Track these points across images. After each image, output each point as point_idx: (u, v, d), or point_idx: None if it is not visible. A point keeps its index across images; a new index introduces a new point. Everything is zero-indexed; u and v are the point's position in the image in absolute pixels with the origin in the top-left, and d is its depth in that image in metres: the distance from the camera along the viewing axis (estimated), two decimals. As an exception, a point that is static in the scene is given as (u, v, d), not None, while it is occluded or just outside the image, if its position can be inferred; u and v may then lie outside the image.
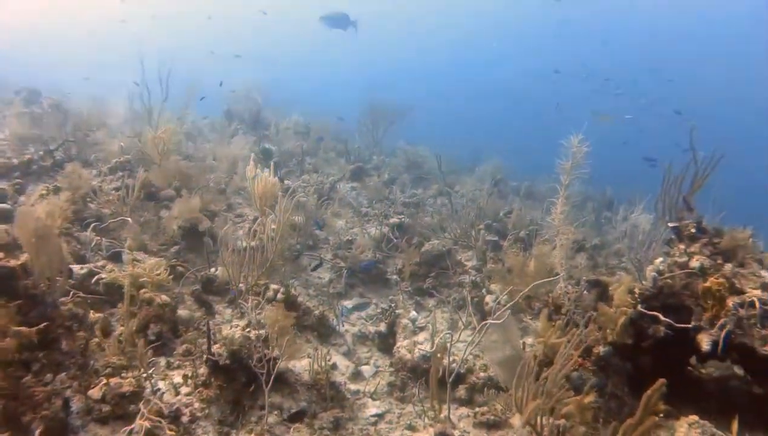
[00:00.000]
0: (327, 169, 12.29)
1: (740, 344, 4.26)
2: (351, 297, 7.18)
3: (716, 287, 4.13)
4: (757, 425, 4.71)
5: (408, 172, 13.72)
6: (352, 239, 8.20)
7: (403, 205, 10.58)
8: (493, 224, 9.63)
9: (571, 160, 4.49)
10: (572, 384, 4.69)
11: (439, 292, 7.26)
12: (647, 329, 4.63)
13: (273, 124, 14.28)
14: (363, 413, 4.91)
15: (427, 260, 7.55)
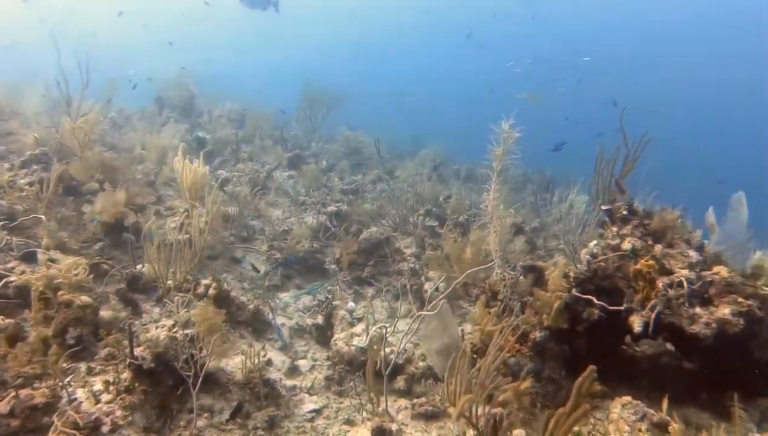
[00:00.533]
0: (263, 157, 11.93)
1: (670, 323, 4.31)
2: (288, 289, 6.97)
3: (646, 269, 4.15)
4: (687, 399, 4.82)
5: (348, 158, 13.52)
6: (289, 229, 7.95)
7: (342, 192, 10.39)
8: (432, 209, 9.57)
9: (503, 146, 4.40)
10: (510, 370, 4.67)
11: (378, 281, 7.14)
12: (582, 312, 4.64)
13: (206, 112, 13.76)
14: (300, 409, 4.73)
15: (365, 248, 7.40)
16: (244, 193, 8.28)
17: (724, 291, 4.38)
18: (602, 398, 4.70)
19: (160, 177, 8.54)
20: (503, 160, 4.44)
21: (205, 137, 11.02)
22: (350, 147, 14.08)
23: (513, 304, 4.82)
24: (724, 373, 4.59)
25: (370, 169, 12.76)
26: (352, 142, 14.37)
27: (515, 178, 13.40)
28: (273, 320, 5.86)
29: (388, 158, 14.23)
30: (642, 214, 5.06)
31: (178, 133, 10.44)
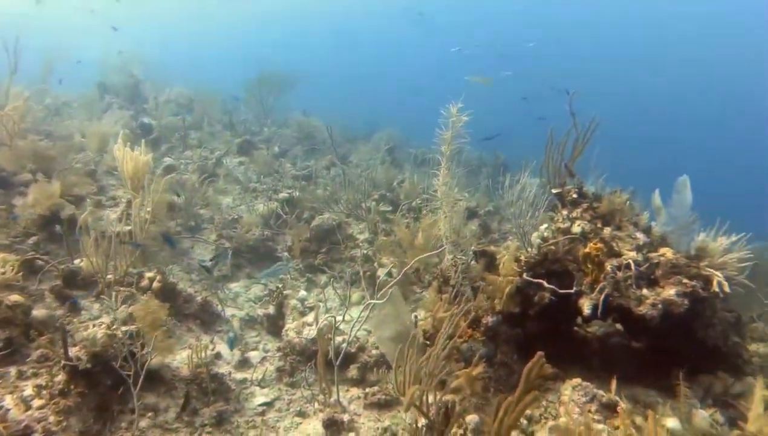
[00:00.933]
0: (213, 143, 11.58)
1: (618, 305, 4.36)
2: (238, 279, 6.79)
3: (595, 252, 4.18)
4: (636, 378, 4.91)
5: (301, 143, 13.29)
6: (238, 217, 7.72)
7: (294, 178, 10.19)
8: (387, 194, 9.49)
9: (451, 130, 4.33)
10: (463, 356, 4.65)
11: (330, 268, 7.03)
12: (533, 296, 4.65)
13: (152, 98, 13.19)
14: (250, 403, 4.62)
15: (317, 235, 7.28)
16: (191, 180, 7.99)
17: (669, 272, 4.45)
18: (554, 380, 4.74)
19: (101, 166, 8.12)
20: (452, 144, 4.36)
21: (150, 124, 10.59)
22: (303, 132, 13.84)
23: (465, 289, 4.79)
24: (670, 352, 4.69)
25: (324, 154, 12.57)
26: (305, 127, 14.14)
27: (469, 161, 13.43)
28: (224, 316, 5.70)
29: (342, 143, 14.05)
30: (591, 197, 5.09)
31: (121, 119, 9.97)
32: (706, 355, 4.77)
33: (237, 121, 12.99)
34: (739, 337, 5.19)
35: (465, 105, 4.67)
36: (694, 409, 4.49)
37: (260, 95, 14.05)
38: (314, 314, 5.72)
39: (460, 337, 4.79)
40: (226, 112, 13.64)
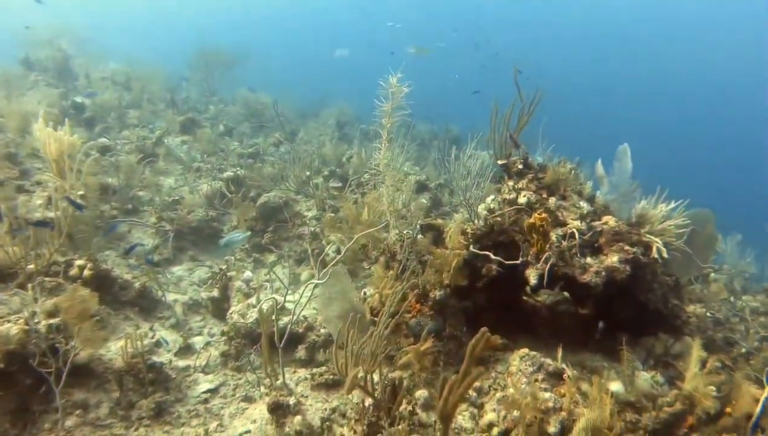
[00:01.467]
0: (155, 122, 11.08)
1: (564, 274, 4.40)
2: (181, 262, 6.55)
3: (539, 223, 4.18)
4: (583, 344, 5.01)
5: (248, 121, 12.91)
6: (180, 198, 7.43)
7: (241, 156, 9.90)
8: (336, 170, 9.35)
9: (392, 101, 4.21)
10: (411, 331, 4.62)
11: (278, 246, 6.88)
12: (481, 268, 4.64)
13: (83, 75, 12.42)
14: (193, 391, 4.47)
15: (263, 213, 7.10)
16: (128, 161, 7.62)
17: (612, 240, 4.51)
18: (504, 351, 4.78)
19: (23, 148, 7.55)
20: (393, 116, 4.24)
21: (83, 102, 10.03)
22: (251, 109, 13.44)
23: (411, 264, 4.74)
24: (615, 317, 4.79)
25: (273, 131, 12.26)
26: (253, 104, 13.73)
27: (421, 135, 13.38)
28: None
29: (291, 119, 13.75)
30: (536, 167, 5.10)
31: (47, 98, 9.33)
32: (648, 318, 4.90)
33: (180, 100, 12.49)
34: (678, 299, 5.35)
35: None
36: (637, 371, 4.61)
37: (204, 72, 13.54)
38: (262, 294, 5.59)
39: (408, 312, 4.77)
40: (169, 90, 13.04)
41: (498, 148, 5.47)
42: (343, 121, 13.53)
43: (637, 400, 4.21)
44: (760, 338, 6.06)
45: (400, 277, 4.79)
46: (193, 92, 14.09)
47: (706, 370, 3.78)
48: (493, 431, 3.81)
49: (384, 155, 4.36)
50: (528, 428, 3.43)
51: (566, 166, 4.91)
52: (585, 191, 5.01)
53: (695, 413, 3.90)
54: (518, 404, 3.50)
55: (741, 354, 5.59)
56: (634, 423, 4.04)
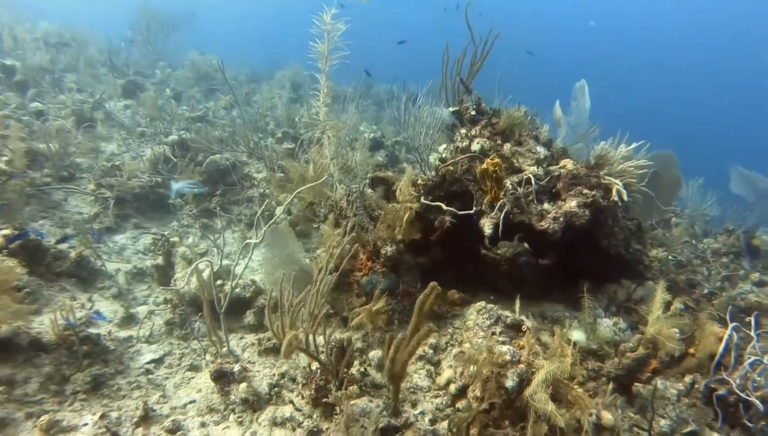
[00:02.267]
0: (97, 87, 10.42)
1: (520, 222, 4.18)
2: (125, 230, 6.15)
3: (492, 169, 3.93)
4: (545, 294, 4.85)
5: (198, 85, 12.29)
6: (121, 163, 6.96)
7: (190, 120, 9.39)
8: (289, 130, 8.95)
9: (327, 41, 3.82)
10: (363, 290, 4.38)
11: (227, 210, 6.52)
12: (434, 221, 4.40)
13: (7, 35, 11.32)
14: (136, 362, 4.17)
15: (211, 177, 6.71)
16: (63, 127, 7.09)
17: (570, 184, 4.30)
18: (462, 305, 4.58)
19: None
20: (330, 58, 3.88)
21: (13, 65, 9.34)
22: (200, 73, 12.79)
23: (361, 220, 4.47)
24: (577, 265, 4.62)
25: (224, 94, 11.67)
26: (203, 67, 13.06)
27: (379, 94, 12.98)
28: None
29: (244, 82, 13.19)
30: (490, 113, 4.83)
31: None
32: (610, 264, 4.74)
33: (124, 64, 11.77)
34: (641, 244, 5.21)
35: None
36: (599, 319, 4.47)
37: (147, 34, 12.77)
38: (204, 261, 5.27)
39: (359, 270, 4.52)
40: (109, 51, 12.26)
41: (450, 95, 5.18)
42: (299, 82, 12.99)
43: (599, 347, 4.07)
44: (722, 277, 6.01)
45: (350, 234, 4.53)
46: (136, 55, 13.29)
47: (669, 312, 3.63)
48: (450, 388, 3.61)
49: (323, 101, 4.01)
50: (485, 384, 3.23)
51: (521, 111, 4.64)
52: (542, 136, 4.77)
53: (659, 356, 3.77)
54: (474, 359, 3.30)
55: (704, 295, 5.51)
56: (597, 371, 3.90)
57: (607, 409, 3.48)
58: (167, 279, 5.28)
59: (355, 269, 4.54)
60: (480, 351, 3.31)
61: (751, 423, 3.55)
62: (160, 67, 12.85)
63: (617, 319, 4.22)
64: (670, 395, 3.98)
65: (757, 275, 6.23)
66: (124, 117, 9.02)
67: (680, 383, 4.11)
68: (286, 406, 3.63)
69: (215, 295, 4.07)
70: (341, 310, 4.50)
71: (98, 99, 9.04)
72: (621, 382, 3.75)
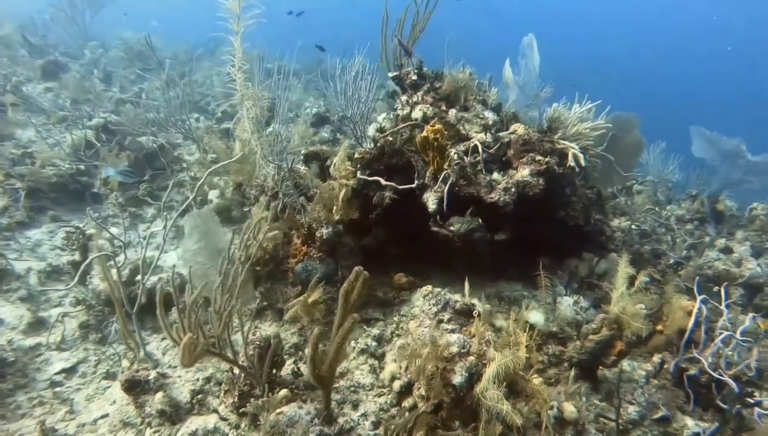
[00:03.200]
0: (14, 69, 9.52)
1: (468, 195, 3.74)
2: (40, 224, 5.52)
3: (433, 136, 3.47)
4: (501, 272, 4.46)
5: (134, 64, 11.45)
6: (33, 151, 6.27)
7: (119, 102, 8.64)
8: (229, 109, 8.35)
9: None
10: (298, 278, 3.91)
11: (156, 197, 5.94)
12: (374, 197, 3.93)
13: None
14: (43, 374, 3.65)
15: (137, 162, 6.10)
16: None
17: (522, 151, 3.88)
18: (410, 289, 4.16)
19: None
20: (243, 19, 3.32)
21: None
22: (133, 51, 11.90)
23: (293, 200, 3.99)
24: (535, 239, 4.23)
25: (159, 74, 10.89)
26: (136, 45, 12.15)
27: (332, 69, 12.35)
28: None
29: (185, 61, 12.36)
30: (432, 76, 4.36)
31: None
32: (570, 236, 4.36)
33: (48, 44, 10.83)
34: (602, 213, 4.85)
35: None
36: (559, 297, 4.09)
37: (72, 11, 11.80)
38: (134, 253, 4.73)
39: (294, 257, 4.04)
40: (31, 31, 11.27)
41: (390, 59, 4.70)
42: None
43: (560, 330, 3.70)
44: (688, 245, 5.72)
45: (281, 217, 4.04)
46: (62, 35, 12.30)
47: (634, 288, 3.25)
48: (394, 385, 3.19)
49: (238, 67, 3.46)
50: (430, 381, 2.81)
51: (465, 73, 4.19)
52: (490, 100, 4.32)
53: (624, 337, 3.40)
54: (417, 353, 2.88)
55: (670, 265, 5.21)
56: (558, 356, 3.53)
57: (569, 399, 3.11)
58: (84, 277, 4.72)
59: (289, 255, 4.07)
60: (424, 343, 2.89)
61: (725, 404, 3.22)
62: (90, 48, 11.92)
63: (578, 297, 3.86)
64: (638, 377, 3.65)
65: (722, 240, 5.97)
66: (44, 100, 8.24)
67: (648, 363, 3.79)
68: (210, 416, 3.17)
69: (137, 292, 3.55)
70: (275, 302, 4.03)
71: (18, 82, 8.22)
72: (584, 367, 3.39)
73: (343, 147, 3.83)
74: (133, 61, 11.33)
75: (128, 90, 9.49)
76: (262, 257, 4.00)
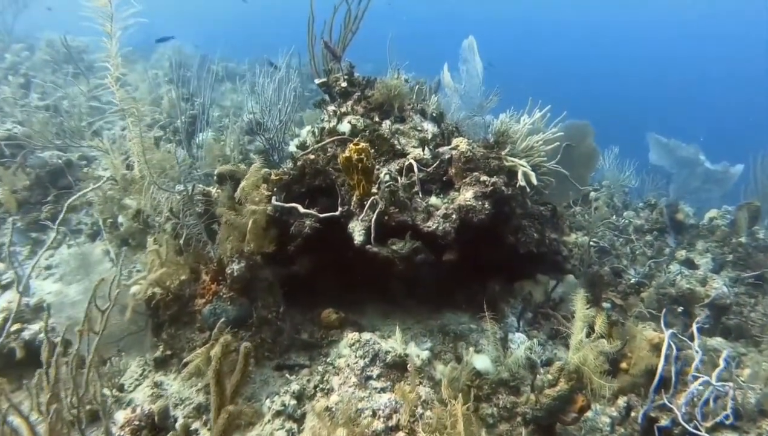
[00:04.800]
0: None
1: (402, 223, 3.21)
2: None
3: (357, 157, 2.91)
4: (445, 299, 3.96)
5: (61, 69, 10.50)
6: None
7: (36, 109, 7.78)
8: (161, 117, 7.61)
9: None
10: (206, 323, 3.30)
11: (64, 221, 5.21)
12: (292, 225, 3.36)
13: None
14: None
15: (40, 179, 5.35)
16: None
17: (465, 169, 3.37)
18: (342, 328, 3.60)
19: None
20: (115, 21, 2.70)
21: None
22: (62, 55, 10.92)
23: (196, 231, 3.38)
24: (483, 260, 3.73)
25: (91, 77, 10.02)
26: (62, 48, 11.15)
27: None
28: None
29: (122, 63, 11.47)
30: (363, 83, 3.81)
31: None
32: (522, 257, 3.87)
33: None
34: (557, 232, 4.40)
35: None
36: (511, 334, 3.61)
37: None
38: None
39: (202, 296, 3.43)
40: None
41: (318, 66, 4.14)
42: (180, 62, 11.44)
43: (511, 376, 3.19)
44: (649, 258, 5.34)
45: (186, 249, 3.43)
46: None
47: (594, 336, 2.75)
48: (314, 460, 2.63)
49: (114, 75, 2.82)
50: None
51: (399, 79, 3.65)
52: (430, 109, 3.80)
53: (586, 389, 2.89)
54: (336, 425, 2.33)
55: (631, 285, 4.80)
56: (510, 409, 3.02)
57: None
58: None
59: (197, 293, 3.46)
60: (345, 412, 2.35)
61: (703, 464, 2.78)
62: (13, 51, 10.92)
63: (532, 340, 3.36)
64: (601, 425, 3.19)
65: (683, 252, 5.61)
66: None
67: (612, 407, 3.34)
68: None
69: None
70: (180, 350, 3.41)
71: None
72: (540, 424, 2.88)
73: (254, 168, 3.24)
74: (60, 65, 10.40)
75: (51, 96, 8.58)
76: (163, 297, 3.38)
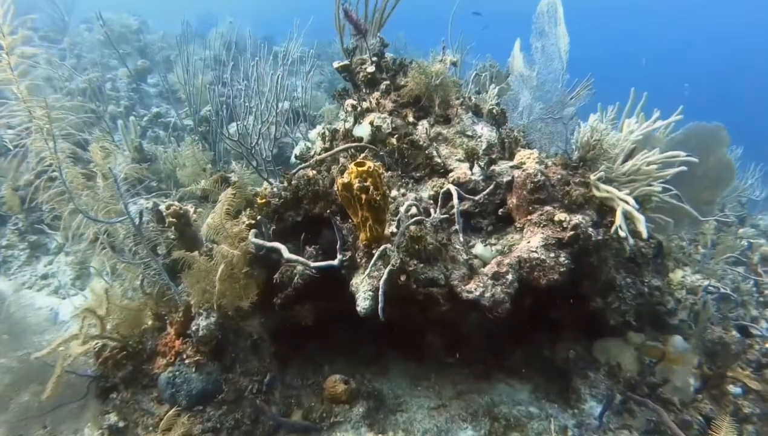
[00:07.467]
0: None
1: (429, 282, 2.15)
2: None
3: (360, 184, 1.86)
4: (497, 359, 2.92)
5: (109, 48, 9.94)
6: None
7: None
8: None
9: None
10: (163, 395, 2.42)
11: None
12: (287, 268, 2.38)
13: None
14: None
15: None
16: None
17: (532, 200, 2.26)
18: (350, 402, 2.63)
19: None
20: None
21: None
22: (114, 34, 10.34)
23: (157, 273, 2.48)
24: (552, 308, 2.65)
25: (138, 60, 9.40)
26: (116, 27, 10.57)
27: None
28: None
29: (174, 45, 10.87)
30: (393, 67, 2.74)
31: None
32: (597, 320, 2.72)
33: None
34: (660, 276, 3.17)
35: None
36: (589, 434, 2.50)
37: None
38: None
39: (163, 355, 2.54)
40: None
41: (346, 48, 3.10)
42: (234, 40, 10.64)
43: None
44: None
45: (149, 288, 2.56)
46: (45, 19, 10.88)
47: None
48: None
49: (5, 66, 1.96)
50: None
51: (444, 62, 2.55)
52: (487, 106, 2.68)
53: None
54: None
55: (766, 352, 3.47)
56: None
57: None
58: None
59: (157, 350, 2.58)
60: None
61: None
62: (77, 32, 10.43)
63: None
64: None
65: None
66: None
67: None
68: None
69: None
70: (135, 424, 2.55)
71: None
72: None
73: (226, 196, 2.28)
74: (108, 45, 9.80)
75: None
76: (113, 354, 2.53)
